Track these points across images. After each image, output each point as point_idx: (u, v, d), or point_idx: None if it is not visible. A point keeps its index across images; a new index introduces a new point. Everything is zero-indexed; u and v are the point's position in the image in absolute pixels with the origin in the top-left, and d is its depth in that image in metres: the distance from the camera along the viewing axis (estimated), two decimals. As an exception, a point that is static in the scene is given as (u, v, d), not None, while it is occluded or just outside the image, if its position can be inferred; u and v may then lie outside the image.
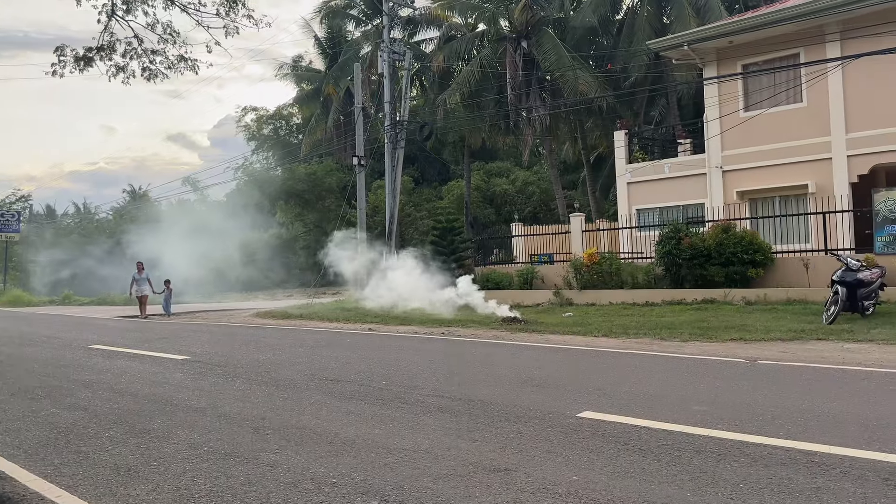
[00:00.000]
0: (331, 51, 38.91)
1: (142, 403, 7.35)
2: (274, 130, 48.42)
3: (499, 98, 30.44)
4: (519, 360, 9.48)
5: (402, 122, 23.73)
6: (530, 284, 19.59)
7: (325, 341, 12.76)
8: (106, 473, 4.94)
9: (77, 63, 11.25)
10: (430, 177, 41.79)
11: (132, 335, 15.18)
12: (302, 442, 5.56)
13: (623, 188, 22.05)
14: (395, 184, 23.57)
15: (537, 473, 4.55)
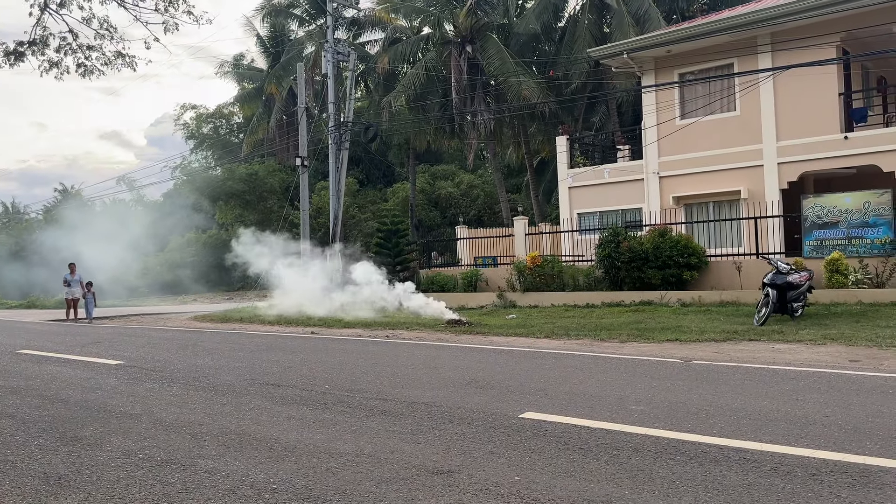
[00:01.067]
0: (273, 50, 38.33)
1: (73, 410, 7.08)
2: (214, 129, 47.39)
3: (444, 101, 30.55)
4: (463, 362, 9.53)
5: (347, 124, 23.57)
6: (475, 287, 19.72)
7: (266, 345, 12.55)
8: (34, 483, 4.75)
9: (7, 57, 10.78)
10: (375, 179, 41.61)
11: (62, 339, 14.60)
12: (241, 448, 5.46)
13: (565, 192, 22.43)
14: (339, 185, 23.38)
15: (480, 475, 4.58)
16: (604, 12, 29.57)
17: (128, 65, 11.61)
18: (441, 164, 42.04)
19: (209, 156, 46.47)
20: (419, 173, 38.22)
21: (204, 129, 47.17)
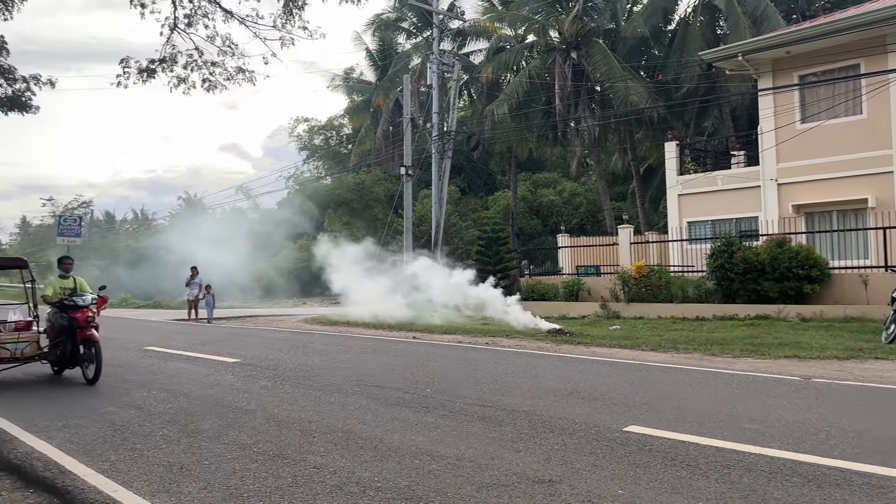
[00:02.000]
0: (381, 62, 39.43)
1: (194, 404, 7.55)
2: (325, 141, 49.24)
3: (547, 109, 30.35)
4: (564, 372, 9.41)
5: (450, 133, 23.88)
6: (576, 296, 19.43)
7: (371, 348, 12.89)
8: (159, 471, 5.10)
9: (140, 74, 11.69)
10: (476, 187, 41.86)
11: (185, 338, 15.60)
12: (347, 446, 5.64)
13: (674, 200, 21.71)
14: (441, 193, 23.71)
15: (582, 486, 4.52)
16: (717, 14, 28.46)
17: (247, 79, 12.32)
18: (543, 171, 41.71)
19: (320, 166, 48.33)
20: (521, 181, 38.09)
21: (315, 141, 49.10)
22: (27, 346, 9.41)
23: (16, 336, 9.43)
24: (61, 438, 6.10)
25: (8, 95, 12.01)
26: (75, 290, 9.65)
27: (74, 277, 9.93)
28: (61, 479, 4.93)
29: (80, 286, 9.82)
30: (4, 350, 9.19)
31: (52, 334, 9.60)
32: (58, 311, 9.47)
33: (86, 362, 9.19)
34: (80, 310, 9.27)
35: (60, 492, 4.72)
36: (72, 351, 9.24)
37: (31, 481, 5.01)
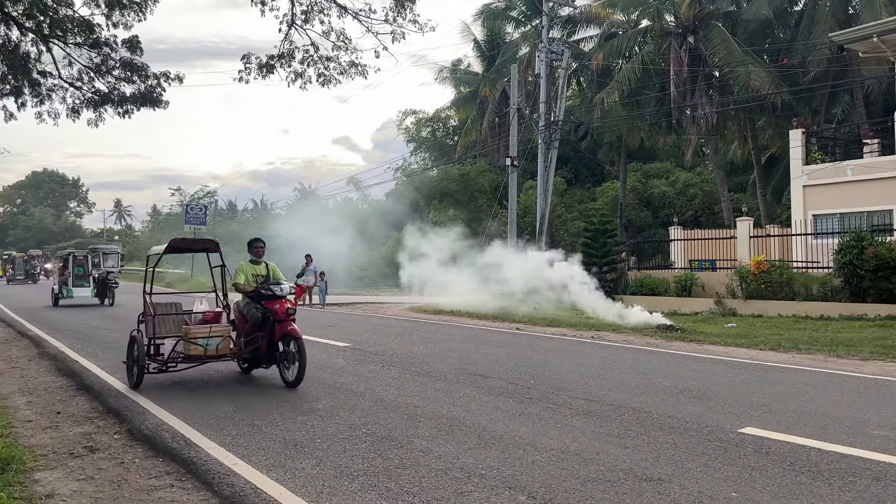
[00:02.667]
0: (489, 53, 39.38)
1: (308, 385, 7.90)
2: (432, 132, 49.85)
3: (661, 96, 29.28)
4: (675, 370, 9.11)
5: (557, 123, 23.55)
6: (689, 292, 18.70)
7: (474, 337, 12.98)
8: (276, 447, 5.38)
9: (260, 70, 12.28)
10: (583, 178, 41.07)
11: (300, 322, 16.27)
12: (452, 432, 5.72)
13: (798, 192, 20.43)
14: (547, 185, 23.44)
15: (693, 486, 4.37)
16: (849, -8, 26.44)
17: (360, 73, 12.67)
18: (655, 161, 40.30)
19: (427, 157, 49.01)
20: (631, 172, 37.02)
21: (423, 133, 49.82)
22: (220, 342, 8.07)
23: (206, 330, 8.08)
24: (188, 413, 6.55)
25: (141, 91, 12.91)
26: (268, 278, 8.39)
27: (266, 263, 8.65)
28: (187, 451, 5.30)
29: (274, 273, 8.54)
30: (195, 346, 7.91)
31: (245, 328, 8.21)
32: (250, 302, 8.21)
33: (285, 361, 7.89)
34: (278, 300, 7.98)
35: (186, 462, 5.08)
36: (268, 347, 7.94)
37: (160, 451, 5.42)
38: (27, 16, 11.09)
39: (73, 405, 7.16)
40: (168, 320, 8.57)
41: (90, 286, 23.70)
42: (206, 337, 7.99)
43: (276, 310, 7.90)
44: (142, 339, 7.88)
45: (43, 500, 4.32)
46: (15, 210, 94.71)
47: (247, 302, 8.28)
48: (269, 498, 4.24)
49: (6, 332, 14.46)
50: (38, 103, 12.52)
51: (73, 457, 5.27)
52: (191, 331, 8.04)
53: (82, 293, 23.51)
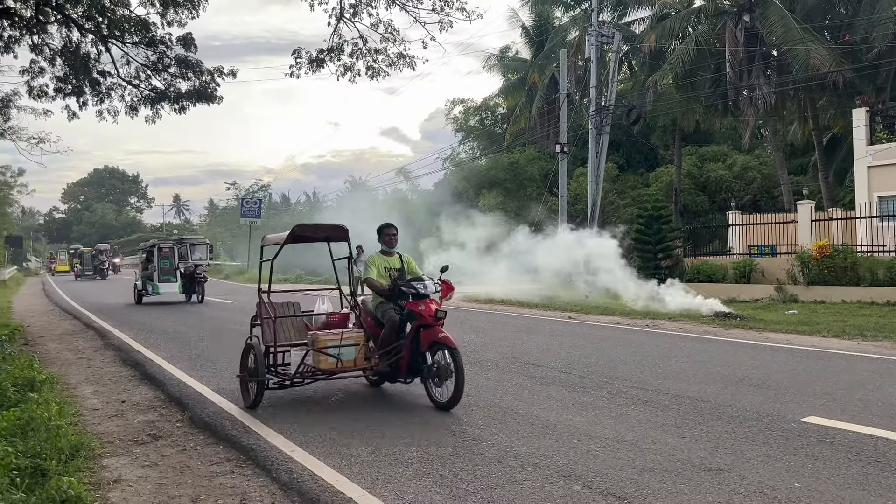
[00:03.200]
0: (537, 39, 38.93)
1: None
2: (480, 121, 49.65)
3: (716, 77, 28.46)
4: (733, 358, 8.89)
5: (609, 107, 23.14)
6: (748, 278, 18.20)
7: (526, 326, 12.92)
8: (332, 434, 5.47)
9: (311, 64, 12.44)
10: (636, 163, 40.31)
11: (351, 312, 16.50)
12: (505, 421, 5.72)
13: (862, 173, 19.61)
14: (598, 171, 23.08)
15: (753, 476, 4.26)
16: (918, -40, 25.11)
17: (408, 65, 12.72)
18: (711, 144, 39.23)
19: (475, 146, 48.87)
20: (685, 155, 36.13)
21: (471, 122, 49.67)
22: (354, 351, 6.45)
23: (337, 337, 6.45)
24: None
25: (196, 88, 13.23)
26: (403, 272, 6.90)
27: (400, 254, 7.09)
28: (246, 438, 5.44)
29: (408, 266, 7.02)
30: (325, 357, 6.33)
31: (378, 334, 6.63)
32: (384, 302, 6.68)
33: (435, 377, 6.24)
34: (422, 300, 6.39)
35: (245, 449, 5.20)
36: (411, 358, 6.40)
37: (221, 438, 5.57)
38: (86, 17, 11.47)
39: (136, 394, 7.42)
40: (286, 324, 7.14)
41: (177, 281, 21.22)
42: (337, 345, 6.40)
43: (421, 312, 6.34)
44: (259, 347, 6.54)
45: (110, 486, 4.49)
46: (79, 206, 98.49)
47: (380, 302, 6.77)
48: (326, 484, 4.31)
49: (72, 324, 15.07)
50: (99, 102, 12.96)
51: (138, 444, 5.47)
52: (319, 338, 6.43)
53: (169, 289, 21.08)
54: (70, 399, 6.97)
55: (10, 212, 52.25)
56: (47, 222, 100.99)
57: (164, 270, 21.50)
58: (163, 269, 21.48)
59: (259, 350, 6.47)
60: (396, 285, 6.59)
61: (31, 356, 8.42)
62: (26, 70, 12.51)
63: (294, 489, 4.32)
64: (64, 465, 4.61)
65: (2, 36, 11.49)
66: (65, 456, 4.79)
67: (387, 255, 7.05)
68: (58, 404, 5.97)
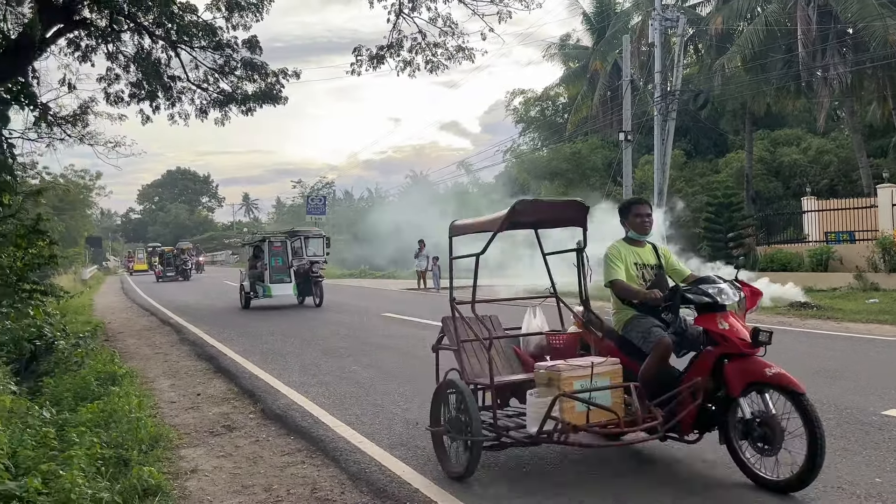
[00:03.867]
0: (598, 25, 38.25)
1: (427, 366, 8.04)
2: (540, 112, 49.18)
3: (788, 58, 27.34)
4: (809, 349, 8.55)
5: (674, 93, 22.56)
6: (825, 266, 17.46)
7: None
8: (398, 426, 5.55)
9: (371, 61, 12.60)
10: (704, 149, 39.14)
11: (416, 306, 16.69)
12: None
13: (949, 153, 18.49)
14: (664, 158, 22.54)
15: (830, 471, 4.11)
16: None
17: (466, 57, 12.72)
18: (783, 128, 37.72)
19: (535, 137, 48.46)
20: (757, 140, 34.84)
21: (531, 113, 49.26)
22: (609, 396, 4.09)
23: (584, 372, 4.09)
24: (315, 393, 6.88)
25: (262, 89, 13.58)
26: (661, 269, 4.73)
27: (654, 245, 4.88)
28: (315, 429, 5.57)
29: (667, 261, 4.74)
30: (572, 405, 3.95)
31: (644, 367, 4.30)
32: (640, 316, 4.48)
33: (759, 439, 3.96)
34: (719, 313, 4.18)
35: (315, 440, 5.34)
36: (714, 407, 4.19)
37: (292, 429, 5.73)
38: (157, 24, 11.92)
39: (211, 387, 7.70)
40: (498, 350, 5.02)
41: (291, 281, 17.70)
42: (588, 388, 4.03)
43: (726, 333, 4.15)
44: (467, 388, 4.45)
45: (188, 475, 4.68)
46: (153, 207, 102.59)
47: (632, 317, 4.54)
48: (393, 475, 4.38)
49: (150, 321, 15.74)
50: (170, 105, 13.46)
51: (213, 435, 5.68)
52: (562, 375, 4.04)
53: (282, 290, 17.54)
54: (149, 392, 7.30)
55: (89, 214, 54.69)
56: (124, 223, 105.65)
57: (277, 269, 17.94)
58: (275, 268, 17.91)
59: (468, 392, 4.39)
60: (677, 290, 4.31)
61: (112, 351, 8.85)
62: (103, 77, 13.11)
63: (362, 479, 4.41)
64: (144, 456, 4.84)
65: (79, 46, 12.09)
66: (145, 446, 5.03)
67: (635, 244, 4.79)
68: (137, 397, 6.25)
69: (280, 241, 18.61)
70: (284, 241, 18.57)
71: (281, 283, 17.59)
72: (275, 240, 18.75)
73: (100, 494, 3.92)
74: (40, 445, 4.53)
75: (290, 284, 17.59)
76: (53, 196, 31.10)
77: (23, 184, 17.75)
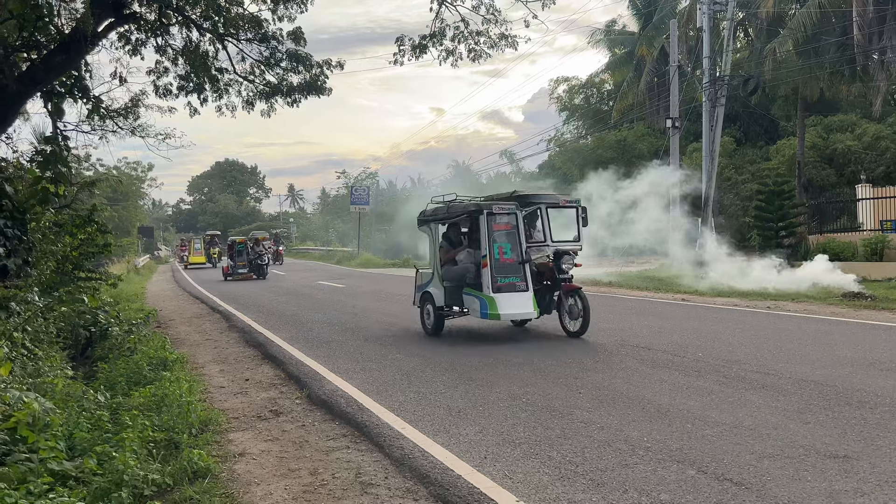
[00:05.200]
0: (645, 10, 37.51)
1: (469, 354, 8.08)
2: (585, 99, 48.57)
3: (842, 41, 26.39)
4: (863, 340, 8.29)
5: (724, 78, 21.99)
6: (880, 255, 16.86)
7: (635, 309, 12.58)
8: (440, 413, 5.58)
9: (413, 51, 12.58)
10: (754, 136, 38.13)
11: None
12: (614, 404, 5.62)
13: None
14: (713, 145, 22.02)
15: (885, 465, 3.98)
16: None
17: (510, 45, 12.59)
18: (837, 114, 36.50)
19: (580, 126, 47.88)
20: (809, 126, 33.80)
21: (575, 101, 48.67)
22: None
23: None
24: (359, 380, 6.96)
25: (306, 81, 13.69)
26: None
27: None
28: (360, 415, 5.64)
29: None
30: None
31: None
32: None
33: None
34: None
35: (359, 425, 5.40)
36: None
37: (337, 415, 5.80)
38: (204, 17, 12.12)
39: (259, 373, 7.85)
40: None
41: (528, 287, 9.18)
42: None
43: None
44: None
45: (236, 458, 4.79)
46: (203, 198, 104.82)
47: None
48: (436, 461, 4.41)
49: (200, 308, 16.11)
50: (218, 98, 13.66)
51: (261, 419, 5.79)
52: None
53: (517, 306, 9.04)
54: (199, 377, 7.47)
55: (141, 204, 56.19)
56: (175, 213, 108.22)
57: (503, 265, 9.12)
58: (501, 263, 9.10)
59: None
60: None
61: (163, 337, 9.08)
62: (152, 70, 13.38)
63: (406, 465, 4.44)
64: (194, 439, 4.96)
65: (130, 39, 12.35)
66: (195, 430, 5.16)
67: None
68: (188, 382, 6.42)
69: (508, 213, 9.42)
70: (514, 214, 9.44)
71: (512, 290, 9.01)
72: (499, 210, 9.40)
73: (151, 476, 4.05)
74: (95, 428, 4.69)
75: (528, 294, 9.04)
76: (107, 187, 31.96)
77: (78, 175, 18.33)
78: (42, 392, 4.99)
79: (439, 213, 10.03)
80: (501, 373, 7.02)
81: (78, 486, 3.83)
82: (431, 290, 9.83)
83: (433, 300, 9.72)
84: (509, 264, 9.05)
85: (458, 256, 9.78)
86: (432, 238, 10.23)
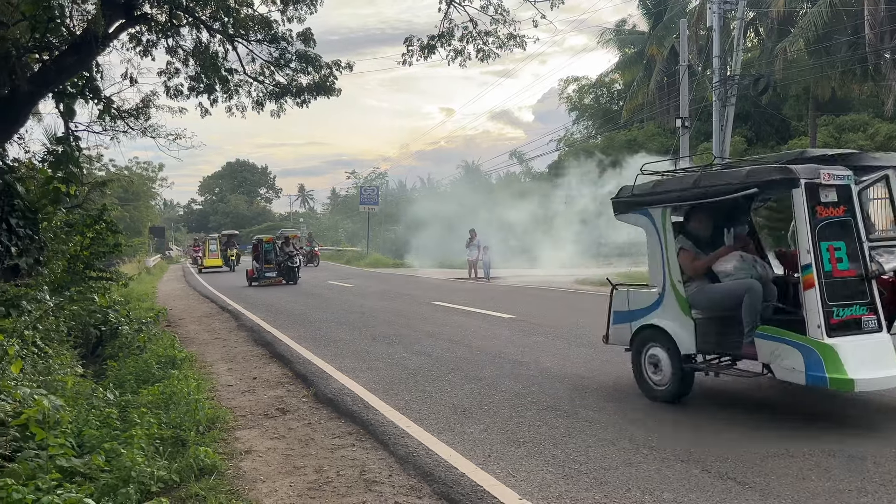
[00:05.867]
0: (655, 10, 37.41)
1: (475, 354, 8.10)
2: (595, 99, 48.47)
3: (853, 40, 26.21)
4: None
5: (734, 77, 21.88)
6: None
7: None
8: (445, 412, 5.60)
9: (422, 51, 12.62)
10: (765, 136, 37.93)
11: (466, 294, 16.71)
12: (619, 403, 5.62)
13: None
14: (723, 145, 21.90)
15: (892, 466, 3.96)
16: None
17: (518, 45, 12.61)
18: (849, 113, 36.28)
19: (589, 126, 47.77)
20: (821, 126, 33.60)
21: (585, 100, 48.58)
22: None
23: None
24: (366, 379, 6.99)
25: (315, 81, 13.75)
26: None
27: None
28: (365, 413, 5.67)
29: None
30: None
31: None
32: None
33: None
34: None
35: (365, 423, 5.43)
36: None
37: (343, 413, 5.84)
38: (214, 18, 12.20)
39: (266, 371, 7.90)
40: None
41: None
42: None
43: None
44: None
45: (242, 456, 4.83)
46: (214, 198, 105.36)
47: None
48: (440, 459, 4.43)
49: (209, 307, 16.20)
50: (228, 98, 13.74)
51: (268, 417, 5.83)
52: None
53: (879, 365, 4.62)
54: (207, 375, 7.53)
55: (153, 204, 56.50)
56: (186, 213, 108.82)
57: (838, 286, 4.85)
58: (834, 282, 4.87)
59: None
60: None
61: (172, 336, 9.15)
62: (163, 71, 13.48)
63: (410, 462, 4.46)
64: (201, 436, 5.01)
65: (141, 40, 12.46)
66: (202, 427, 5.20)
67: None
68: (196, 380, 6.47)
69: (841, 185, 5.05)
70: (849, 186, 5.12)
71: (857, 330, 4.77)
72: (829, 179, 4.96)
73: (158, 472, 4.09)
74: (104, 425, 4.74)
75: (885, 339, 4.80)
76: (118, 187, 32.14)
77: (89, 175, 18.48)
78: (52, 390, 5.04)
79: (671, 188, 5.74)
80: (507, 372, 7.03)
81: (86, 483, 3.87)
82: (662, 322, 5.71)
83: (668, 341, 5.59)
84: (848, 280, 4.86)
85: (724, 266, 5.57)
86: (660, 234, 5.81)
